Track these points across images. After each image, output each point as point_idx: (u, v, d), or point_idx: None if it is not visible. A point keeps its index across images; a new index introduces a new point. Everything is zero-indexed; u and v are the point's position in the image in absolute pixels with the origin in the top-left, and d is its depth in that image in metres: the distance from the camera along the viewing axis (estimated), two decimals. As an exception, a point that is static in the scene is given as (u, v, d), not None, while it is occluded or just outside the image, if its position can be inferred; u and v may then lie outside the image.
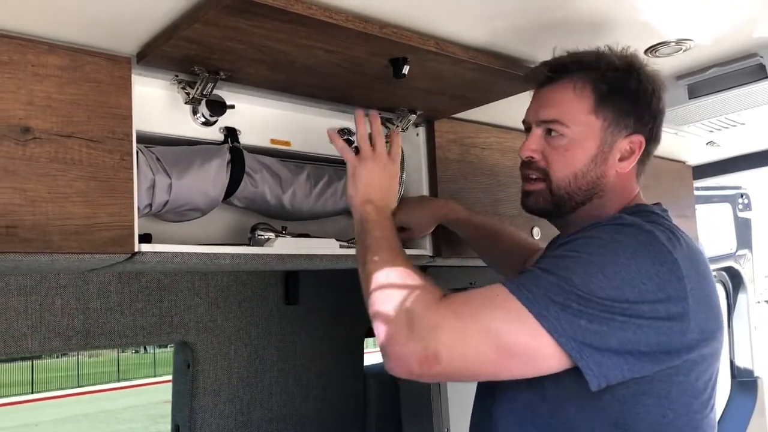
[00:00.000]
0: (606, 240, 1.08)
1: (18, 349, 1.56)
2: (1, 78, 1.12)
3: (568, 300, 1.01)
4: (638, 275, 1.03)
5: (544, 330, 1.00)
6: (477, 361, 1.03)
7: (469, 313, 1.04)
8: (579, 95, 1.22)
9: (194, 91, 1.38)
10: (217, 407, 1.92)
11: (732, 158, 2.72)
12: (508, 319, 1.02)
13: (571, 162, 1.22)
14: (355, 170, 1.32)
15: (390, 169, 1.34)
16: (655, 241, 1.07)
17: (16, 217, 1.11)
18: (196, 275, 1.87)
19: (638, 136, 1.24)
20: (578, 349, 1.00)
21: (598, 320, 1.01)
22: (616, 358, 1.01)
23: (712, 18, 1.37)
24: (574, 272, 1.03)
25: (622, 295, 1.02)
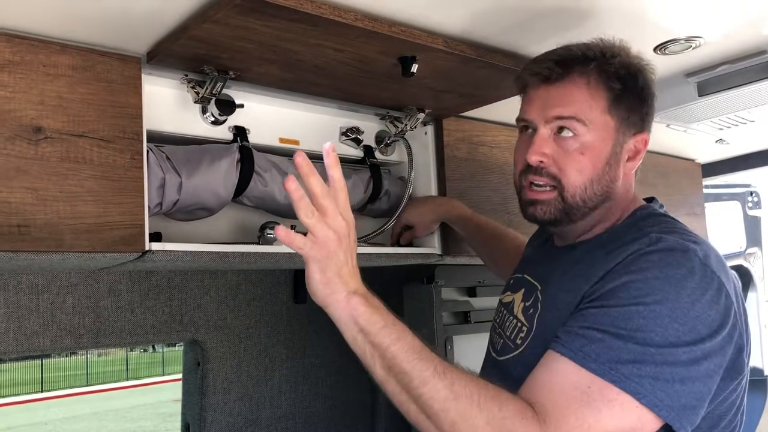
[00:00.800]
0: (661, 278, 1.01)
1: (30, 347, 1.57)
2: (14, 78, 1.13)
3: (658, 366, 0.96)
4: (702, 309, 1.00)
5: (646, 409, 0.95)
6: None
7: (579, 423, 0.94)
8: (594, 93, 1.15)
9: (204, 90, 1.38)
10: (227, 405, 1.93)
11: (742, 156, 2.71)
12: (614, 413, 0.95)
13: (586, 167, 1.14)
14: (320, 264, 1.00)
15: (352, 232, 1.02)
16: (698, 262, 1.03)
17: (28, 216, 1.12)
18: (205, 274, 1.88)
19: (644, 135, 1.20)
20: (678, 416, 0.96)
21: (689, 376, 0.97)
22: (704, 407, 1.01)
23: (722, 15, 1.36)
24: (650, 331, 0.97)
25: (698, 336, 0.98)
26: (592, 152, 1.15)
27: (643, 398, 0.95)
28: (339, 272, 1.00)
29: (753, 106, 1.88)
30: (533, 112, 1.19)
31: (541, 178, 1.17)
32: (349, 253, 1.01)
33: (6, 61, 1.13)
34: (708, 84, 1.70)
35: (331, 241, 0.98)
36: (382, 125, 1.79)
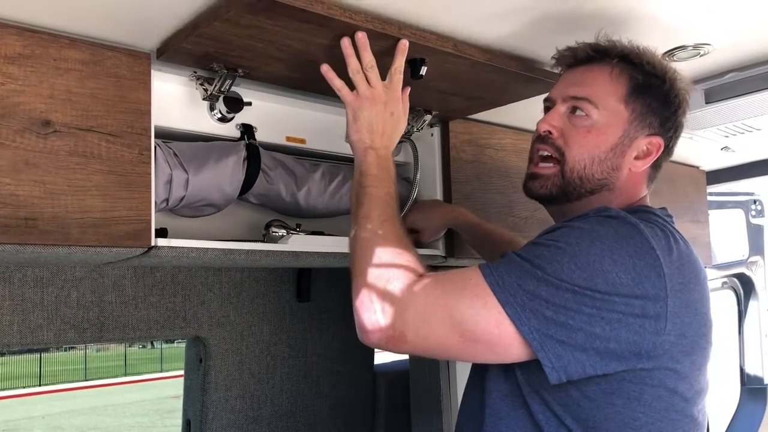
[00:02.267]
0: (585, 230, 1.05)
1: (34, 340, 1.58)
2: (24, 71, 1.14)
3: (538, 289, 1.00)
4: (613, 266, 1.00)
5: (507, 318, 1.00)
6: (440, 344, 1.05)
7: (439, 296, 1.04)
8: (614, 80, 1.20)
9: (212, 87, 1.38)
10: (228, 402, 1.93)
11: (746, 164, 2.71)
12: (473, 306, 1.02)
13: (590, 145, 1.18)
14: (355, 113, 1.24)
15: (391, 106, 1.24)
16: (638, 235, 1.04)
17: (35, 210, 1.12)
18: (209, 271, 1.89)
19: (658, 138, 1.22)
20: (540, 340, 0.99)
21: (564, 311, 0.99)
22: (579, 354, 0.99)
23: (731, 23, 1.36)
24: (548, 261, 1.02)
25: (593, 285, 0.99)
26: (598, 133, 1.19)
27: (508, 307, 1.00)
28: (369, 127, 1.22)
29: (760, 115, 1.88)
30: (555, 91, 1.27)
31: (546, 147, 1.23)
32: (381, 117, 1.23)
33: (17, 54, 1.13)
34: (715, 91, 1.70)
35: (366, 99, 1.23)
36: (388, 126, 1.79)
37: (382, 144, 1.23)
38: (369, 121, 1.23)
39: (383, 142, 1.24)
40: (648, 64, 1.21)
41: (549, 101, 1.27)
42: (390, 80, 1.25)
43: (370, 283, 1.08)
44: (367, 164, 1.22)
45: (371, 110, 1.23)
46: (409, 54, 1.29)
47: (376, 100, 1.23)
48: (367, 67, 1.23)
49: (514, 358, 1.04)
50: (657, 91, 1.21)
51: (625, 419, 1.04)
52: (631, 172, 1.21)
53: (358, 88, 1.24)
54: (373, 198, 1.18)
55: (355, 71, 1.23)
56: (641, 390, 1.04)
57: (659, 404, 1.05)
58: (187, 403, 1.96)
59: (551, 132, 1.22)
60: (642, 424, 1.05)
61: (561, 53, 1.29)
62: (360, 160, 1.23)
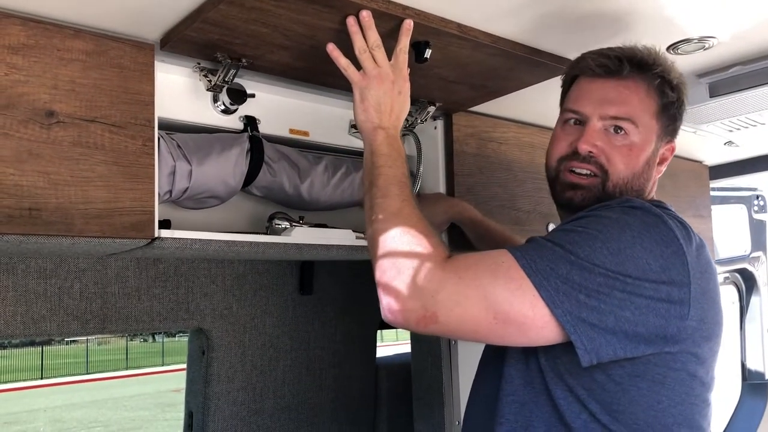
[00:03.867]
0: (613, 218, 1.08)
1: (37, 331, 1.58)
2: (28, 62, 1.14)
3: (571, 273, 1.02)
4: (642, 253, 1.04)
5: (542, 301, 1.01)
6: (473, 325, 1.04)
7: (472, 277, 1.04)
8: (649, 97, 1.22)
9: (216, 78, 1.38)
10: (231, 394, 1.94)
11: (750, 159, 2.70)
12: (508, 288, 1.02)
13: (633, 163, 1.21)
14: (362, 92, 1.22)
15: (399, 84, 1.23)
16: (663, 225, 1.08)
17: (39, 200, 1.12)
18: (212, 263, 1.89)
19: (672, 144, 1.29)
20: (573, 323, 1.01)
21: (597, 295, 1.01)
22: (611, 336, 1.02)
23: (736, 16, 1.36)
24: (580, 245, 1.04)
25: (624, 270, 1.02)
26: (638, 151, 1.22)
27: (543, 290, 1.01)
28: (377, 107, 1.21)
29: (764, 109, 1.87)
30: (588, 106, 1.23)
31: (587, 166, 1.22)
32: (389, 96, 1.21)
33: (21, 44, 1.13)
34: (720, 85, 1.69)
35: (373, 78, 1.21)
36: (392, 118, 1.79)
37: (390, 123, 1.22)
38: (377, 101, 1.21)
39: (392, 121, 1.23)
40: (676, 79, 1.24)
41: (579, 114, 1.25)
42: (396, 59, 1.24)
43: (398, 263, 1.07)
44: (377, 144, 1.20)
45: (379, 89, 1.21)
46: (413, 36, 1.28)
47: (384, 79, 1.22)
48: (373, 46, 1.22)
49: (543, 341, 1.05)
50: (679, 103, 1.26)
51: (649, 402, 1.07)
52: (653, 179, 1.28)
53: (365, 67, 1.22)
54: (389, 178, 1.17)
55: (361, 50, 1.22)
56: (665, 373, 1.07)
57: (681, 388, 1.08)
58: (190, 395, 1.97)
59: (593, 152, 1.21)
60: (665, 407, 1.08)
61: (590, 61, 1.25)
62: (370, 140, 1.22)
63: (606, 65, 1.22)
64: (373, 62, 1.22)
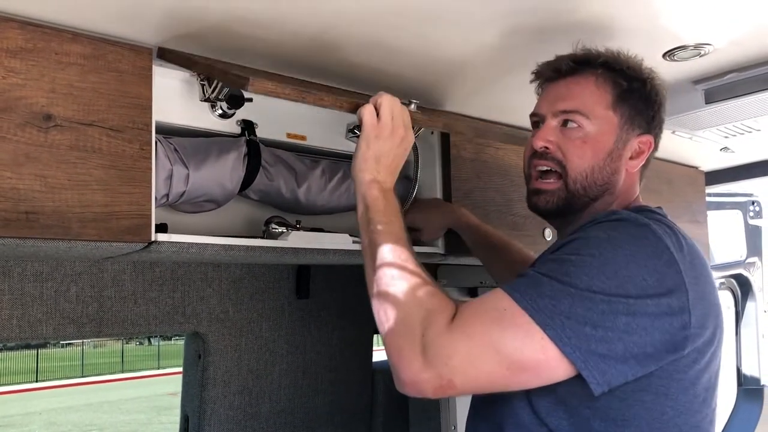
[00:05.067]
0: (603, 238, 1.07)
1: (33, 335, 1.57)
2: (26, 65, 1.13)
3: (573, 306, 1.00)
4: (637, 270, 1.03)
5: (551, 342, 1.00)
6: (490, 380, 1.04)
7: (479, 335, 1.03)
8: (600, 89, 1.24)
9: (210, 91, 1.38)
10: (227, 398, 1.93)
11: (745, 165, 2.71)
12: (517, 336, 1.01)
13: (589, 154, 1.22)
14: (369, 141, 1.22)
15: (406, 143, 1.25)
16: (651, 235, 1.07)
17: (36, 203, 1.12)
18: (209, 266, 1.88)
19: (648, 137, 1.27)
20: (583, 358, 1.00)
21: (602, 323, 1.00)
22: (621, 365, 1.01)
23: (731, 23, 1.37)
24: (576, 276, 1.03)
25: (624, 292, 1.01)
26: (594, 142, 1.22)
27: (549, 329, 1.00)
28: (377, 159, 1.21)
29: (759, 115, 1.88)
30: (543, 107, 1.28)
31: (546, 162, 1.25)
32: (393, 152, 1.23)
33: (18, 47, 1.13)
34: (715, 91, 1.70)
35: (386, 129, 1.22)
36: (389, 123, 1.79)
37: (386, 177, 1.23)
38: (380, 152, 1.22)
39: (388, 176, 1.23)
40: (629, 68, 1.25)
41: (537, 116, 1.29)
42: (408, 119, 1.27)
43: (406, 333, 1.05)
44: (372, 198, 1.20)
45: (386, 142, 1.22)
46: None
47: (395, 134, 1.23)
48: (394, 101, 1.25)
49: (558, 379, 1.04)
50: (640, 93, 1.25)
51: (653, 414, 1.06)
52: (628, 173, 1.26)
53: (382, 116, 1.23)
54: (389, 236, 1.15)
55: (382, 99, 1.24)
56: (668, 384, 1.06)
57: (685, 397, 1.08)
58: (186, 399, 1.96)
59: (548, 147, 1.24)
60: (669, 417, 1.07)
61: (540, 68, 1.31)
62: (364, 192, 1.21)
63: (556, 68, 1.27)
64: (391, 114, 1.23)
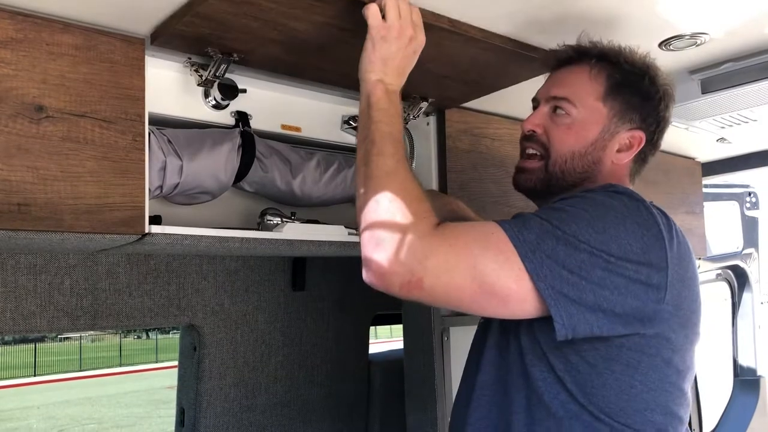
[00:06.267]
0: (598, 200, 1.10)
1: (27, 327, 1.57)
2: (16, 56, 1.13)
3: (557, 248, 1.03)
4: (625, 234, 1.05)
5: (527, 274, 1.02)
6: (458, 293, 1.04)
7: (462, 246, 1.04)
8: (593, 80, 1.25)
9: (207, 73, 1.37)
10: (223, 390, 1.93)
11: (742, 156, 2.71)
12: (497, 260, 1.03)
13: (571, 141, 1.25)
14: (375, 42, 1.17)
15: (416, 43, 1.19)
16: (645, 210, 1.10)
17: (28, 195, 1.11)
18: (204, 259, 1.88)
19: (640, 132, 1.26)
20: (554, 296, 1.02)
21: (579, 272, 1.02)
22: (588, 313, 1.03)
23: (728, 12, 1.36)
24: (567, 222, 1.05)
25: (607, 249, 1.04)
26: (578, 130, 1.25)
27: (528, 262, 1.02)
28: (385, 61, 1.17)
29: (756, 105, 1.88)
30: (540, 91, 1.33)
31: (532, 144, 1.29)
32: (401, 53, 1.18)
33: (9, 38, 1.12)
34: (712, 81, 1.69)
35: (393, 29, 1.16)
36: (384, 114, 1.78)
37: (394, 80, 1.19)
38: (388, 54, 1.17)
39: (396, 79, 1.19)
40: (627, 62, 1.26)
41: (535, 101, 1.33)
42: (418, 17, 1.21)
43: (386, 223, 1.05)
44: (376, 97, 1.16)
45: (394, 43, 1.17)
46: None
47: (403, 34, 1.17)
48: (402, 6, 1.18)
49: (521, 314, 1.07)
50: (637, 88, 1.25)
51: (621, 386, 1.08)
52: (614, 164, 1.27)
53: (388, 16, 1.16)
54: (386, 135, 1.13)
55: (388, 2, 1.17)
56: (639, 358, 1.08)
57: (655, 374, 1.10)
58: (182, 392, 1.96)
59: (535, 131, 1.28)
60: (638, 392, 1.09)
61: (544, 56, 1.36)
62: (368, 92, 1.17)
63: (558, 56, 1.31)
64: (398, 13, 1.16)
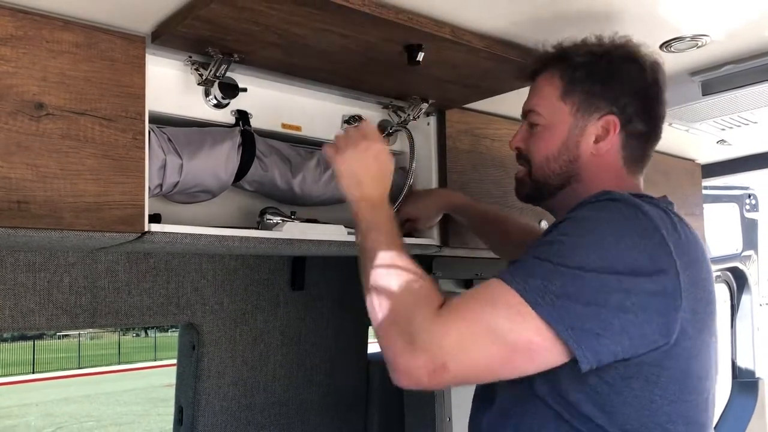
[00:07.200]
0: (592, 218, 1.06)
1: (25, 325, 1.57)
2: (16, 53, 1.13)
3: (565, 286, 0.98)
4: (627, 249, 1.01)
5: (543, 322, 0.98)
6: (486, 363, 1.01)
7: (472, 315, 1.01)
8: (549, 83, 1.27)
9: (207, 72, 1.37)
10: (221, 389, 1.93)
11: (742, 158, 2.70)
12: (509, 316, 0.99)
13: (543, 146, 1.26)
14: (337, 168, 1.26)
15: (372, 150, 1.25)
16: (643, 215, 1.05)
17: (28, 193, 1.11)
18: (203, 257, 1.88)
19: (611, 117, 1.21)
20: (576, 336, 0.97)
21: (596, 301, 0.98)
22: (614, 342, 0.99)
23: (729, 14, 1.36)
24: (567, 256, 1.01)
25: (615, 269, 1.00)
26: (547, 134, 1.26)
27: (541, 309, 0.98)
28: (354, 178, 1.24)
29: (756, 107, 1.88)
30: (522, 108, 1.34)
31: (519, 160, 1.34)
32: (363, 164, 1.24)
33: (9, 35, 1.12)
34: (712, 83, 1.69)
35: (347, 151, 1.25)
36: (384, 114, 1.79)
37: (372, 192, 1.23)
38: (351, 172, 1.24)
39: (373, 190, 1.24)
40: (579, 54, 1.24)
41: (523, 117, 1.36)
42: (361, 125, 1.31)
43: (396, 322, 1.05)
44: (361, 213, 1.22)
45: (351, 160, 1.24)
46: (406, 39, 1.31)
47: (357, 148, 1.25)
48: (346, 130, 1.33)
49: (552, 363, 1.01)
50: (594, 75, 1.22)
51: (642, 402, 1.04)
52: (596, 156, 1.23)
53: (338, 144, 1.28)
54: (375, 240, 1.16)
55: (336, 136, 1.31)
56: (659, 372, 1.04)
57: (674, 385, 1.06)
58: (180, 390, 1.96)
59: (519, 147, 1.32)
60: (658, 406, 1.05)
61: (523, 71, 1.37)
62: (354, 209, 1.23)
63: (530, 70, 1.33)
64: (346, 136, 1.28)
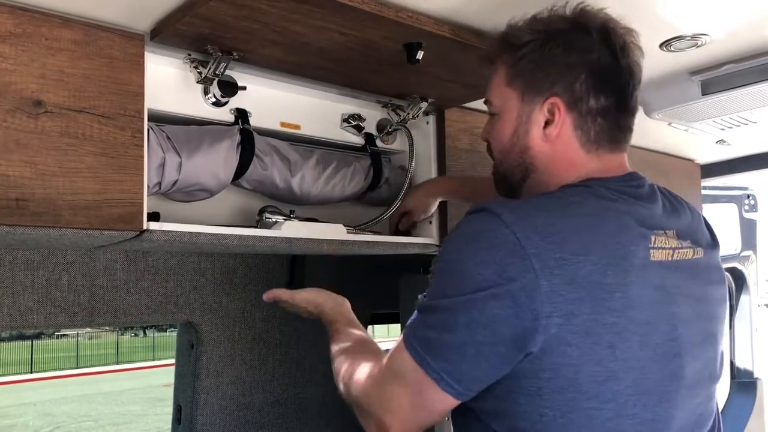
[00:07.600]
0: (453, 237, 1.06)
1: (23, 323, 1.57)
2: (15, 50, 1.12)
3: (426, 324, 1.03)
4: (474, 267, 0.98)
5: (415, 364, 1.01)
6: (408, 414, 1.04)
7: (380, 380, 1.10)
8: (498, 71, 1.19)
9: (207, 70, 1.37)
10: (220, 388, 1.93)
11: (741, 158, 2.71)
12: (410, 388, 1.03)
13: (498, 138, 1.19)
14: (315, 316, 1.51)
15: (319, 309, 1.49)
16: (498, 226, 0.98)
17: (26, 190, 1.11)
18: (202, 256, 1.88)
19: (555, 99, 1.11)
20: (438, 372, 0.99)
21: (448, 332, 0.98)
22: (471, 368, 0.98)
23: (729, 13, 1.36)
24: (431, 294, 1.04)
25: (461, 290, 0.98)
26: (500, 125, 1.19)
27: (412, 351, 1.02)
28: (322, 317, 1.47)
29: (756, 107, 1.87)
30: None
31: (490, 155, 1.26)
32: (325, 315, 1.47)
33: (8, 32, 1.12)
34: (712, 83, 1.69)
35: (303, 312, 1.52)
36: (384, 113, 1.79)
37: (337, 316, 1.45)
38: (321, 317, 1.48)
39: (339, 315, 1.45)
40: (516, 37, 1.15)
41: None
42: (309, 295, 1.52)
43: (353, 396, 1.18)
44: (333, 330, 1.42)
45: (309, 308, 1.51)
46: (406, 38, 1.30)
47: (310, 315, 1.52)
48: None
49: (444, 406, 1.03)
50: (529, 56, 1.13)
51: (533, 416, 0.98)
52: (547, 143, 1.13)
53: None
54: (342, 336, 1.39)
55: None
56: (539, 384, 0.97)
57: (562, 396, 0.97)
58: (178, 389, 1.96)
59: (486, 139, 1.26)
60: (549, 419, 0.97)
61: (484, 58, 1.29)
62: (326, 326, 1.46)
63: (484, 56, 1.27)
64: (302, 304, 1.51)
